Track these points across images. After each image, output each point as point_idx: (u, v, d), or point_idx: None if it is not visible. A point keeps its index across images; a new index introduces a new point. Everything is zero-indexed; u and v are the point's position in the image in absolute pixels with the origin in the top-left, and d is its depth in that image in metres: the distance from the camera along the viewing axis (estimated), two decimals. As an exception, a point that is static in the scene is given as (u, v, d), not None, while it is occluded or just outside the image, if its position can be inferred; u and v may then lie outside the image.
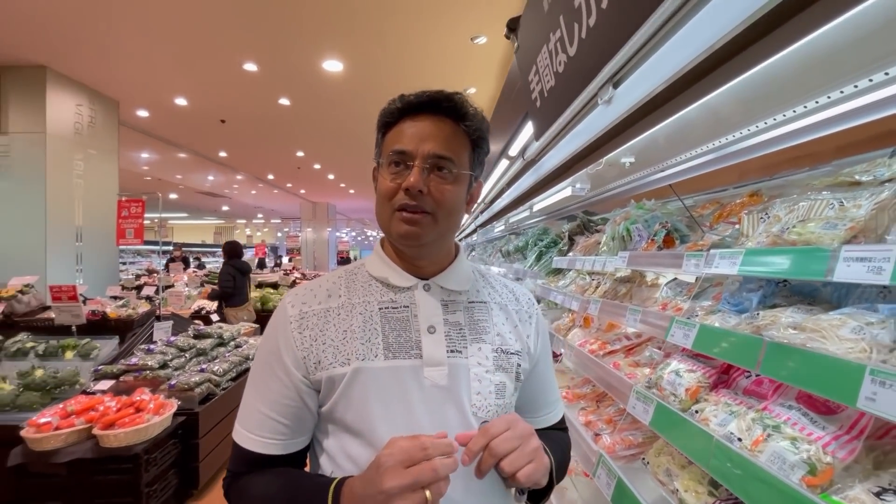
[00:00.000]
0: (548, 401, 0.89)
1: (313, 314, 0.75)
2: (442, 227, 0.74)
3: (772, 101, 0.91)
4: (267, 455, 0.71)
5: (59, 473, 2.24)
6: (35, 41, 4.23)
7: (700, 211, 1.69)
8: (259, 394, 0.73)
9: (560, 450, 0.84)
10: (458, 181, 0.74)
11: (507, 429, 0.64)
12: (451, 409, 0.72)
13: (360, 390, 0.70)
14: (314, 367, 0.71)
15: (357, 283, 0.79)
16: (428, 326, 0.75)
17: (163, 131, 7.23)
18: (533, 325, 0.86)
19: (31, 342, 3.13)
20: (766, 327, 0.87)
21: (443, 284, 0.79)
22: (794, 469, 0.69)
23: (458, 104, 0.73)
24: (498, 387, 0.76)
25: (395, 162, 0.72)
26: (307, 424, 0.74)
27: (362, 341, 0.72)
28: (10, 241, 4.70)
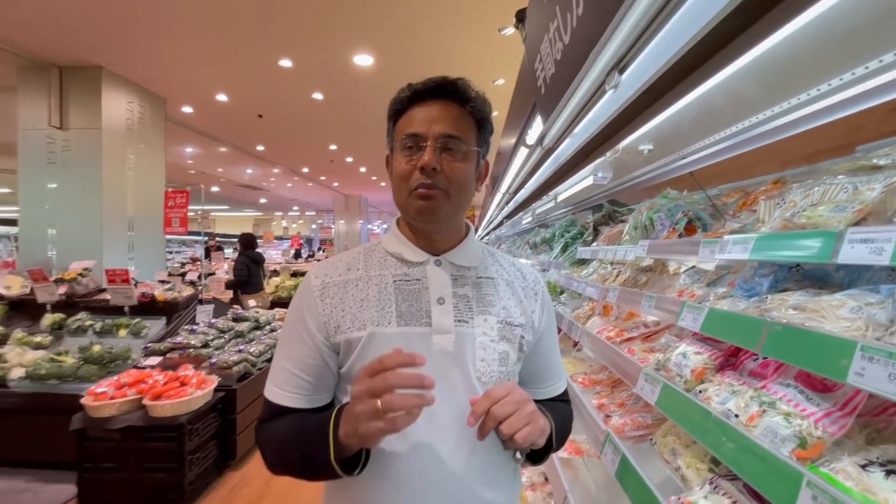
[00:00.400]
0: (551, 374, 0.95)
1: (334, 284, 0.82)
2: (454, 202, 0.79)
3: (791, 80, 0.90)
4: (292, 408, 0.80)
5: (114, 438, 2.47)
6: (92, 43, 4.55)
7: (725, 199, 1.67)
8: (286, 354, 0.81)
9: (561, 417, 0.89)
10: (468, 158, 0.79)
11: (507, 394, 0.70)
12: (456, 373, 0.78)
13: (375, 353, 0.76)
14: (334, 331, 0.79)
15: (374, 258, 0.86)
16: (437, 298, 0.81)
17: (205, 126, 7.60)
18: (538, 301, 0.91)
19: (89, 321, 3.42)
20: (771, 310, 0.88)
21: (453, 260, 0.85)
22: (785, 442, 0.71)
23: (462, 88, 0.79)
24: (501, 355, 0.81)
25: (408, 145, 0.78)
26: (328, 382, 0.82)
27: (377, 309, 0.79)
28: (71, 229, 5.11)
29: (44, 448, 2.91)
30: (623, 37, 0.75)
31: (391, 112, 0.83)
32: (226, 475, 2.96)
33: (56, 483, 2.80)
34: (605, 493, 1.51)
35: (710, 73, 0.81)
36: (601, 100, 1.04)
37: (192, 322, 3.65)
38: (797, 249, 0.86)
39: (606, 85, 0.93)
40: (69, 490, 2.65)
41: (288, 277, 6.34)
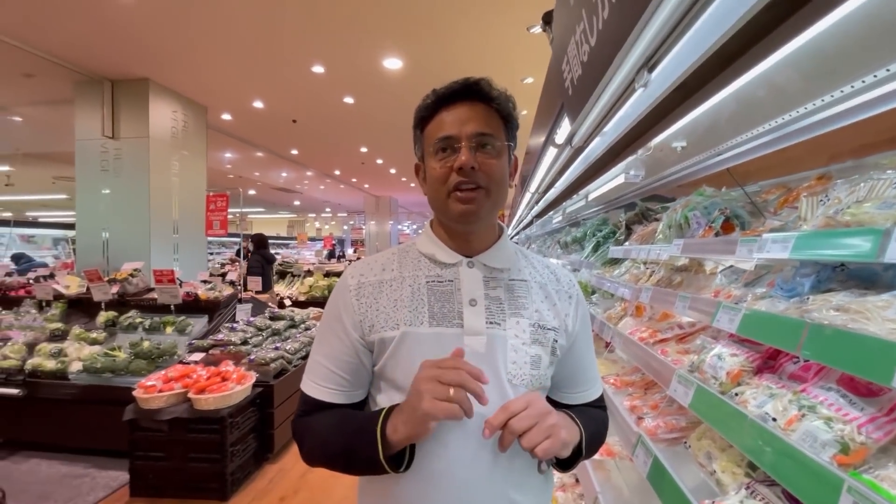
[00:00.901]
0: (585, 378, 0.93)
1: (369, 284, 0.85)
2: (494, 199, 0.81)
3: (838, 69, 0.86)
4: (329, 402, 0.83)
5: (162, 429, 2.61)
6: (140, 57, 4.83)
7: (765, 196, 1.60)
8: (323, 350, 0.85)
9: (594, 424, 0.88)
10: (501, 154, 0.81)
11: (526, 406, 0.70)
12: (488, 374, 0.77)
13: (407, 352, 0.79)
14: (369, 330, 0.81)
15: (408, 259, 0.88)
16: (470, 299, 0.81)
17: (243, 132, 7.90)
18: (572, 304, 0.90)
19: (139, 318, 3.63)
20: (812, 311, 0.85)
21: (486, 262, 0.85)
22: (826, 447, 0.69)
23: (486, 88, 0.80)
24: (533, 358, 0.81)
25: (441, 148, 0.79)
26: (363, 379, 0.85)
27: (410, 309, 0.81)
28: (122, 232, 5.44)
29: (100, 437, 3.13)
30: (651, 35, 0.74)
31: (417, 119, 0.84)
32: (264, 467, 3.09)
33: (111, 470, 3.00)
34: (637, 495, 1.48)
35: (745, 68, 0.79)
36: (630, 98, 1.03)
37: (232, 320, 3.81)
38: (841, 248, 0.83)
39: (636, 83, 0.92)
40: (122, 477, 2.84)
41: (321, 277, 6.51)
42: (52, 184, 11.08)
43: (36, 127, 7.09)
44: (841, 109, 0.97)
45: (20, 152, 8.36)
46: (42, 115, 6.47)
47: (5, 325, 3.75)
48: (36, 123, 6.91)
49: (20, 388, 3.14)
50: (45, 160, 8.98)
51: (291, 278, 6.72)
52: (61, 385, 3.12)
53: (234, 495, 2.72)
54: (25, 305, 4.00)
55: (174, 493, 2.67)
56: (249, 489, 2.82)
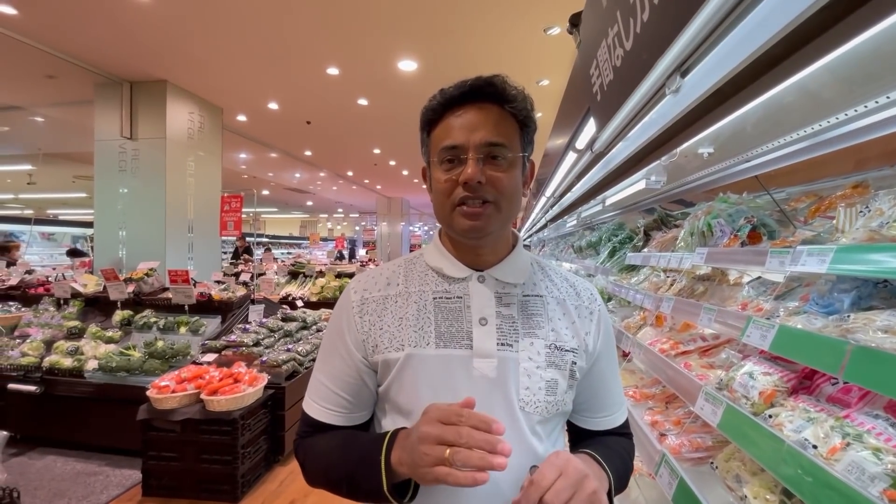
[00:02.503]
0: (609, 402, 0.85)
1: (373, 300, 0.79)
2: (505, 215, 0.74)
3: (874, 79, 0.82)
4: (330, 424, 0.78)
5: (175, 430, 2.62)
6: (158, 60, 4.90)
7: (794, 204, 1.54)
8: (325, 369, 0.80)
9: (621, 461, 0.80)
10: (514, 165, 0.73)
11: (559, 475, 0.60)
12: (498, 401, 0.72)
13: (412, 375, 0.73)
14: (372, 350, 0.76)
15: (415, 273, 0.82)
16: (480, 318, 0.75)
17: (257, 133, 7.97)
18: (594, 322, 0.82)
19: (154, 318, 3.66)
20: (855, 330, 0.80)
21: (498, 276, 0.78)
22: (875, 481, 0.64)
23: (500, 87, 0.72)
24: (549, 383, 0.75)
25: (447, 158, 0.72)
26: (367, 400, 0.80)
27: (415, 329, 0.75)
28: (138, 231, 5.51)
29: (114, 435, 3.16)
30: (687, 39, 0.70)
31: (424, 122, 0.77)
32: (275, 469, 3.08)
33: (124, 468, 3.02)
34: (658, 514, 1.43)
35: (786, 75, 0.75)
36: (659, 104, 0.99)
37: (244, 321, 3.83)
38: (886, 264, 0.78)
39: (666, 89, 0.88)
40: (135, 476, 2.85)
41: (333, 278, 6.52)
42: (72, 182, 11.32)
43: (57, 127, 7.24)
44: (882, 118, 0.92)
45: (41, 152, 8.54)
46: (63, 115, 6.60)
47: (25, 322, 3.82)
48: (57, 124, 7.06)
49: (38, 384, 3.18)
50: (66, 160, 9.17)
51: (304, 279, 6.74)
52: (77, 383, 3.15)
53: (245, 497, 2.72)
54: (44, 303, 4.07)
55: (186, 494, 2.68)
56: (260, 491, 2.82)
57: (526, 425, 0.73)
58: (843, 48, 0.73)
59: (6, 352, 3.38)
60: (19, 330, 3.76)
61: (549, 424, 0.77)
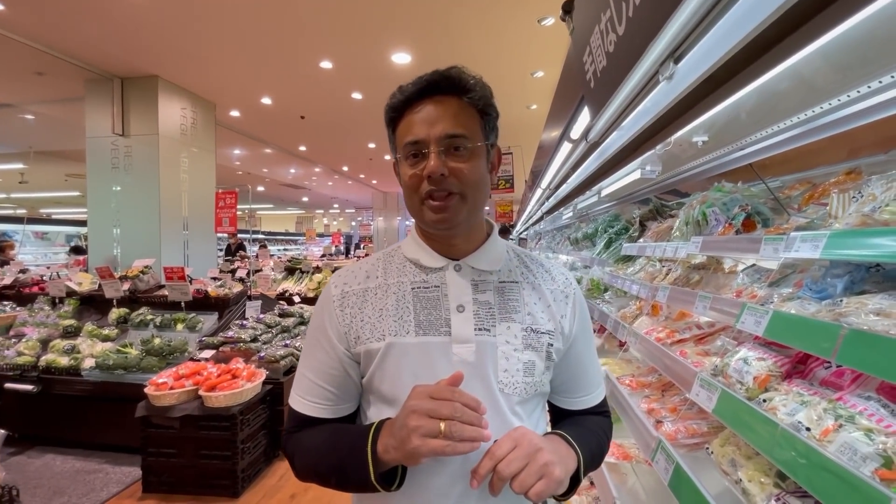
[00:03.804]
0: (586, 383, 0.89)
1: (353, 294, 0.81)
2: (471, 204, 0.76)
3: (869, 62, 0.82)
4: (317, 417, 0.79)
5: (174, 426, 2.62)
6: (149, 55, 4.85)
7: (788, 192, 1.55)
8: (309, 364, 0.81)
9: (595, 439, 0.83)
10: (476, 155, 0.75)
11: (514, 447, 0.64)
12: (477, 384, 0.74)
13: (393, 363, 0.75)
14: (354, 342, 0.78)
15: (393, 265, 0.84)
16: (457, 305, 0.77)
17: (251, 129, 7.92)
18: (569, 305, 0.85)
19: (150, 315, 3.65)
20: (848, 314, 0.81)
21: (473, 265, 0.81)
22: (867, 461, 0.65)
23: (457, 79, 0.73)
24: (526, 365, 0.77)
25: (412, 154, 0.74)
26: (352, 392, 0.81)
27: (395, 319, 0.77)
28: (133, 228, 5.49)
29: (113, 432, 3.16)
30: (680, 24, 0.70)
31: (387, 120, 0.79)
32: (274, 464, 3.09)
33: (124, 465, 3.03)
34: (654, 500, 1.45)
35: (779, 60, 0.75)
36: (653, 91, 0.99)
37: (241, 317, 3.82)
38: (879, 248, 0.78)
39: (660, 75, 0.88)
40: (135, 473, 2.86)
41: (329, 274, 6.51)
42: (64, 181, 11.23)
43: (48, 125, 7.17)
44: (872, 104, 0.92)
45: (33, 150, 8.46)
46: (54, 113, 6.54)
47: (20, 322, 3.80)
48: (48, 121, 6.99)
49: (34, 384, 3.17)
50: (58, 158, 9.09)
51: (300, 275, 6.73)
52: (75, 381, 3.15)
53: (245, 492, 2.73)
54: (39, 302, 4.04)
55: (186, 490, 2.68)
56: (260, 486, 2.83)
57: (506, 406, 0.76)
58: (836, 31, 0.73)
59: (2, 351, 3.36)
60: (14, 329, 3.74)
61: (528, 405, 0.80)
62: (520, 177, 7.59)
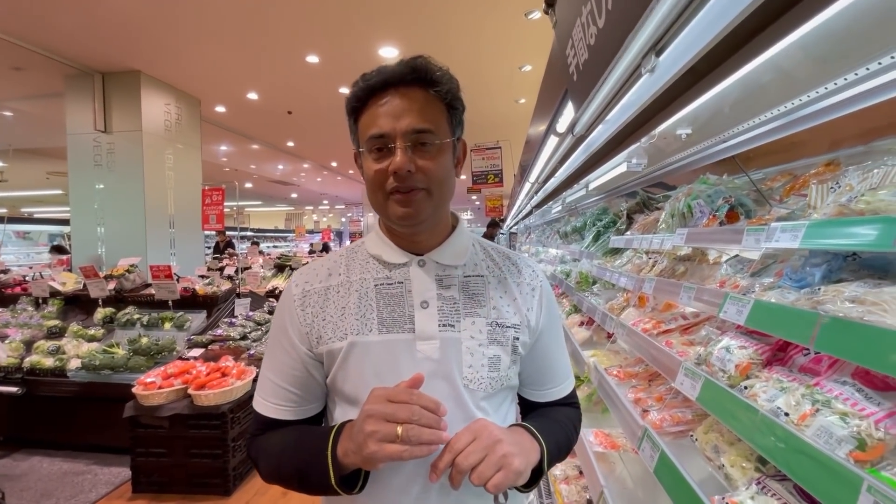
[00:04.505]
0: (554, 375, 0.88)
1: (315, 292, 0.79)
2: (437, 199, 0.74)
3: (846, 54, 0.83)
4: (281, 420, 0.78)
5: (163, 426, 2.60)
6: (131, 49, 4.75)
7: (770, 184, 1.57)
8: (271, 365, 0.79)
9: (561, 430, 0.83)
10: (443, 151, 0.73)
11: (473, 440, 0.64)
12: (442, 381, 0.73)
13: (356, 363, 0.74)
14: (316, 342, 0.76)
15: (356, 262, 0.82)
16: (421, 301, 0.76)
17: (238, 125, 7.81)
18: (536, 298, 0.84)
19: (137, 314, 3.61)
20: (825, 302, 0.83)
21: (438, 259, 0.79)
22: (842, 444, 0.67)
23: (424, 71, 0.71)
24: (492, 360, 0.76)
25: (376, 148, 0.71)
26: (316, 393, 0.80)
27: (357, 317, 0.75)
28: (117, 227, 5.39)
29: (101, 433, 3.12)
30: (661, 17, 0.70)
31: (349, 109, 0.75)
32: (266, 461, 3.08)
33: (112, 466, 3.00)
34: (642, 488, 1.47)
35: (758, 51, 0.76)
36: (636, 84, 0.99)
37: (230, 315, 3.79)
38: (854, 237, 0.80)
39: (642, 68, 0.88)
40: (124, 473, 2.83)
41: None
42: (46, 179, 10.98)
43: (27, 122, 6.99)
44: (851, 94, 0.94)
45: (12, 148, 8.25)
46: (33, 109, 6.38)
47: (2, 323, 3.72)
48: (27, 118, 6.82)
49: (19, 385, 3.12)
50: (38, 155, 8.88)
51: (290, 272, 6.68)
52: (60, 382, 3.10)
53: (236, 490, 2.72)
54: (22, 303, 3.97)
55: (177, 489, 2.67)
56: (252, 484, 2.82)
57: (471, 402, 0.75)
58: (813, 22, 0.74)
59: (-16, 353, 3.30)
60: (-3, 331, 3.67)
61: (494, 399, 0.79)
62: (509, 171, 7.60)
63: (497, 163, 7.06)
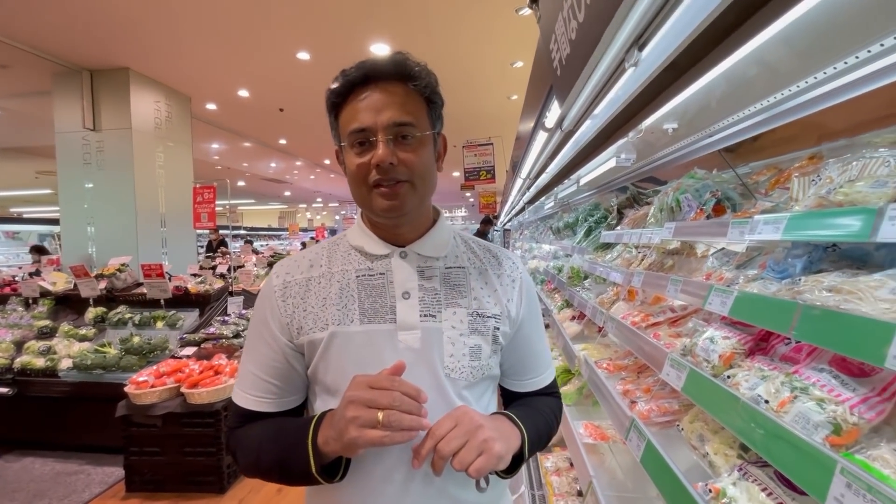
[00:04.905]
0: (535, 365, 0.90)
1: (295, 283, 0.79)
2: (420, 192, 0.75)
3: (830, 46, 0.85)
4: (261, 412, 0.78)
5: (156, 424, 2.60)
6: (119, 46, 4.69)
7: (755, 178, 1.59)
8: (252, 357, 0.79)
9: (541, 418, 0.85)
10: (424, 143, 0.74)
11: (454, 426, 0.65)
12: (423, 371, 0.74)
13: (337, 353, 0.74)
14: (297, 333, 0.76)
15: (338, 253, 0.83)
16: (403, 292, 0.77)
17: (229, 122, 7.76)
18: (516, 289, 0.86)
19: (128, 313, 3.58)
20: (804, 292, 0.85)
21: (419, 251, 0.80)
22: (818, 429, 0.68)
23: (402, 66, 0.72)
24: (472, 349, 0.77)
25: (358, 142, 0.72)
26: (297, 384, 0.80)
27: (338, 307, 0.76)
28: (108, 226, 5.35)
29: (93, 433, 3.11)
30: (641, 11, 0.71)
31: (329, 106, 0.76)
32: (261, 459, 3.09)
33: (105, 466, 2.99)
34: (631, 478, 1.50)
35: (736, 46, 0.77)
36: (621, 79, 1.00)
37: (223, 313, 3.78)
38: (833, 228, 0.82)
39: (626, 63, 0.89)
40: (118, 472, 2.82)
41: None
42: (35, 179, 10.84)
43: (14, 120, 6.90)
44: (834, 87, 0.95)
45: (-1, 147, 8.15)
46: (20, 107, 6.29)
47: (-9, 324, 3.69)
48: (14, 116, 6.73)
49: (10, 386, 3.10)
50: (26, 154, 8.77)
51: (283, 270, 6.66)
52: (52, 382, 3.08)
53: (231, 488, 2.73)
54: (11, 303, 3.93)
55: (171, 488, 2.67)
56: (246, 481, 2.82)
57: (452, 391, 0.76)
58: (791, 15, 0.75)
59: (-27, 354, 3.27)
60: (-14, 332, 3.63)
61: (476, 389, 0.80)
62: (501, 167, 7.61)
63: (489, 159, 7.06)
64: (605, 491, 1.32)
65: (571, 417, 1.81)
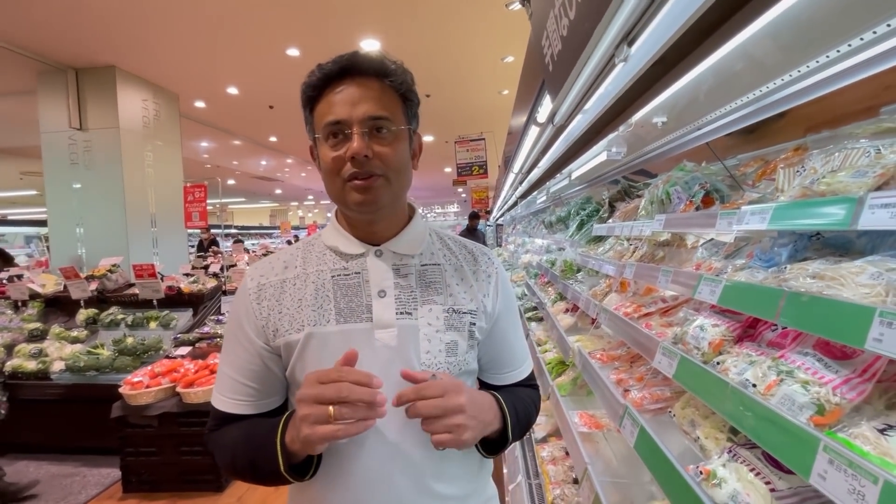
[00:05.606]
0: (511, 359, 0.91)
1: (270, 286, 0.79)
2: (395, 187, 0.75)
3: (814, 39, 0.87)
4: (239, 415, 0.78)
5: (152, 424, 2.59)
6: (104, 43, 4.62)
7: (743, 169, 1.63)
8: (228, 360, 0.79)
9: (522, 403, 0.86)
10: (399, 139, 0.74)
11: (440, 395, 0.66)
12: (400, 368, 0.73)
13: (314, 354, 0.74)
14: (273, 335, 0.76)
15: (313, 254, 0.82)
16: (378, 291, 0.77)
17: (218, 120, 7.68)
18: (492, 284, 0.86)
19: (121, 314, 3.56)
20: (789, 280, 0.88)
21: (394, 249, 0.80)
22: (803, 410, 0.71)
23: (379, 62, 0.72)
24: (449, 345, 0.78)
25: (332, 133, 0.72)
26: (275, 386, 0.80)
27: (314, 308, 0.76)
28: (97, 226, 5.29)
29: (88, 435, 3.09)
30: (630, 9, 0.73)
31: (304, 99, 0.76)
32: (258, 457, 3.09)
33: (102, 467, 2.98)
34: (625, 465, 1.53)
35: (722, 41, 0.79)
36: (611, 74, 1.02)
37: (217, 312, 3.76)
38: (816, 217, 0.85)
39: (616, 59, 0.91)
40: (114, 474, 2.82)
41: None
42: (19, 180, 10.66)
43: (-2, 120, 6.78)
44: (817, 79, 0.98)
45: (-18, 147, 8.00)
46: (4, 107, 6.18)
47: (-20, 328, 3.64)
48: (-3, 116, 6.61)
49: (1, 390, 3.06)
50: (11, 155, 8.62)
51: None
52: (44, 385, 3.06)
53: (229, 486, 2.73)
54: (0, 306, 3.88)
55: (168, 487, 2.67)
56: (244, 479, 2.83)
57: None
58: (777, 9, 0.77)
59: (-37, 358, 3.23)
60: (-25, 335, 3.58)
61: None
62: (493, 162, 7.63)
63: (481, 154, 7.08)
64: (601, 477, 1.35)
65: (566, 407, 1.84)
